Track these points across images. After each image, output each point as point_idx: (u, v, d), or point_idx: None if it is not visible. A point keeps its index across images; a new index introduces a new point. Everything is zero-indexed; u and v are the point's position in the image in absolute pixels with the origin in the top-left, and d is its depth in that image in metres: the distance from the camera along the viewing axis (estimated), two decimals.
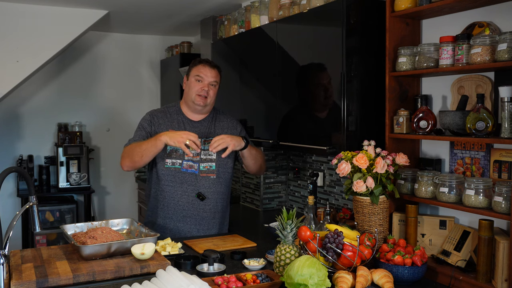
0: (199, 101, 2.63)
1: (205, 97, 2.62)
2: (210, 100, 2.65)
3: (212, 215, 2.68)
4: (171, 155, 2.63)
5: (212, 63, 2.69)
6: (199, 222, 2.66)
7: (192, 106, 2.67)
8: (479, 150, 2.18)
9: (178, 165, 2.62)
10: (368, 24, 2.53)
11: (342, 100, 2.50)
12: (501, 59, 1.85)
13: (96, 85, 5.56)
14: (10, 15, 4.16)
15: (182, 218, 2.65)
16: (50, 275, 1.91)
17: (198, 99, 2.62)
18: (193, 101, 2.64)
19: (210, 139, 2.63)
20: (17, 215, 1.91)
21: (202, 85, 2.62)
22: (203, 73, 2.63)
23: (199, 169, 2.63)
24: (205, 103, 2.64)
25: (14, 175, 5.14)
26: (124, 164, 2.61)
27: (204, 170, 2.63)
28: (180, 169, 2.62)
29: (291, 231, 2.00)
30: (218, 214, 2.71)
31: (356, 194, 2.21)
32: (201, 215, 2.65)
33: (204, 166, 2.63)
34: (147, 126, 2.68)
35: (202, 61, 2.67)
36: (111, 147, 5.59)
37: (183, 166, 2.62)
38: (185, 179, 2.62)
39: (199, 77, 2.63)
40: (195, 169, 2.63)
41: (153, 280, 1.81)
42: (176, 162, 2.62)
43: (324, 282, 1.77)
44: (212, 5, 4.20)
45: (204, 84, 2.62)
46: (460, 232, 2.14)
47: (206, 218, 2.67)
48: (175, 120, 2.70)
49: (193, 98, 2.64)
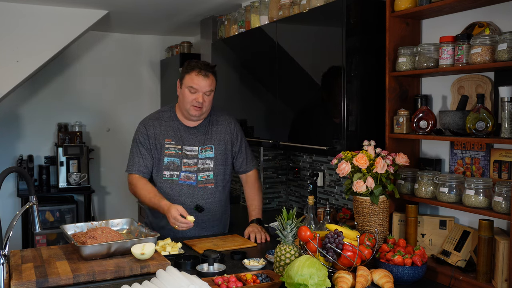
0: (194, 112, 2.57)
1: (200, 107, 2.55)
2: (206, 108, 2.59)
3: (211, 223, 2.69)
4: (169, 167, 2.60)
5: (205, 69, 2.55)
6: (198, 225, 2.64)
7: (187, 116, 2.61)
8: (479, 150, 2.18)
9: (176, 177, 2.60)
10: (368, 24, 2.53)
11: (342, 100, 2.50)
12: (501, 59, 1.85)
13: (96, 85, 5.56)
14: (10, 15, 4.16)
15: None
16: (50, 275, 1.91)
17: (193, 110, 2.56)
18: (188, 111, 2.58)
19: (206, 147, 2.63)
20: (17, 215, 1.91)
21: (196, 97, 2.53)
22: (197, 84, 2.52)
23: (197, 180, 2.60)
24: (200, 113, 2.58)
25: (14, 175, 5.14)
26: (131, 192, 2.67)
27: (202, 181, 2.61)
28: (177, 181, 2.59)
29: (291, 231, 2.00)
30: (216, 221, 2.72)
31: (356, 194, 2.21)
32: (200, 225, 2.64)
33: (202, 176, 2.61)
34: (145, 141, 2.61)
35: (195, 68, 2.54)
36: (111, 147, 5.59)
37: (180, 178, 2.60)
38: (182, 191, 2.59)
39: (193, 88, 2.53)
40: (193, 180, 2.60)
41: (153, 280, 1.80)
42: (173, 174, 2.60)
43: (324, 282, 1.77)
44: (212, 5, 4.20)
45: (199, 95, 2.53)
46: (460, 232, 2.14)
47: (205, 227, 2.67)
48: (170, 128, 2.64)
49: (187, 109, 2.57)
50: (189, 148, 2.61)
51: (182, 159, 2.60)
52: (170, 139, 2.61)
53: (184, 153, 2.60)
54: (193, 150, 2.62)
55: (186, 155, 2.60)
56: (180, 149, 2.61)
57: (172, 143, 2.61)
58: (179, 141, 2.61)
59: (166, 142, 2.61)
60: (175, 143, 2.61)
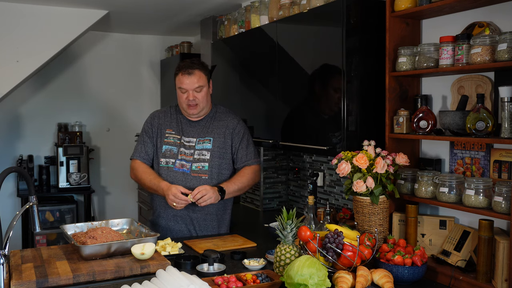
0: (191, 111, 2.64)
1: (195, 104, 2.62)
2: (202, 104, 2.64)
3: (203, 216, 2.66)
4: (166, 155, 2.67)
5: (190, 68, 2.61)
6: (189, 223, 2.66)
7: (186, 115, 2.70)
8: (479, 150, 2.18)
9: (171, 164, 2.65)
10: (368, 24, 2.53)
11: (342, 100, 2.50)
12: (501, 59, 1.85)
13: (96, 85, 5.56)
14: (10, 15, 4.16)
15: (172, 217, 2.67)
16: (50, 275, 1.91)
17: (189, 109, 2.64)
18: (186, 111, 2.67)
19: (205, 139, 2.65)
20: (17, 215, 1.91)
21: (187, 95, 2.61)
22: (184, 83, 2.61)
23: (191, 169, 2.63)
24: (197, 110, 2.64)
25: (14, 175, 5.14)
26: (132, 178, 2.79)
27: (196, 170, 2.63)
28: (173, 168, 2.64)
29: (291, 231, 2.00)
30: (210, 216, 2.68)
31: (356, 194, 2.21)
32: (190, 216, 2.64)
33: (197, 166, 2.63)
34: (149, 130, 2.73)
35: (181, 69, 2.63)
36: (111, 147, 5.58)
37: (175, 165, 2.64)
38: (176, 178, 2.62)
39: (182, 88, 2.62)
40: (187, 169, 2.63)
41: (153, 280, 1.81)
42: (169, 161, 2.65)
43: (324, 282, 1.77)
44: (212, 5, 4.20)
45: (189, 93, 2.60)
46: (460, 232, 2.14)
47: (196, 219, 2.66)
48: (174, 120, 2.73)
49: (184, 108, 2.66)
50: (187, 139, 2.68)
51: (180, 148, 2.66)
52: (171, 129, 2.72)
53: (182, 142, 2.67)
54: (191, 141, 2.67)
55: (183, 145, 2.67)
56: (179, 139, 2.68)
57: (172, 132, 2.71)
58: (179, 132, 2.70)
59: (167, 132, 2.71)
60: (175, 133, 2.71)
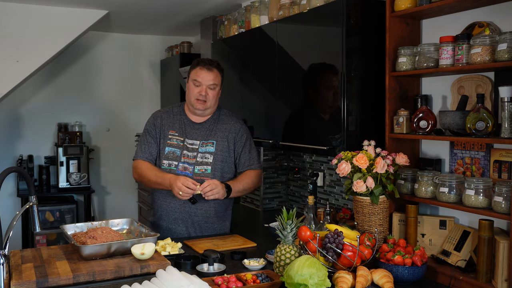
0: (198, 106, 2.62)
1: (204, 101, 2.61)
2: (210, 103, 2.63)
3: (204, 219, 2.66)
4: (169, 157, 2.64)
5: (210, 64, 2.63)
6: (190, 225, 2.65)
7: (192, 110, 2.67)
8: (479, 150, 2.18)
9: (174, 166, 2.62)
10: (368, 24, 2.53)
11: (342, 100, 2.50)
12: (501, 59, 1.85)
13: (96, 85, 5.56)
14: (10, 15, 4.16)
15: (173, 220, 2.65)
16: (50, 275, 1.91)
17: (196, 103, 2.62)
18: (193, 105, 2.63)
19: (208, 142, 2.64)
20: (17, 215, 1.91)
21: (200, 90, 2.60)
22: (200, 76, 2.60)
23: (193, 172, 2.61)
24: (204, 107, 2.62)
25: (14, 175, 5.14)
26: (135, 178, 2.78)
27: (198, 173, 2.61)
28: (175, 171, 2.61)
29: (291, 231, 2.00)
30: (211, 219, 2.67)
31: (356, 194, 2.21)
32: (192, 219, 2.64)
33: (199, 169, 2.61)
34: (152, 130, 2.70)
35: (200, 63, 2.63)
36: (111, 147, 5.58)
37: (178, 168, 2.62)
38: None
39: (196, 81, 2.60)
40: (190, 172, 2.61)
41: (153, 280, 1.81)
42: (172, 163, 2.63)
43: (324, 282, 1.77)
44: (212, 5, 4.20)
45: (202, 88, 2.60)
46: (460, 232, 2.14)
47: (198, 222, 2.65)
48: (177, 121, 2.70)
49: (192, 102, 2.63)
50: (190, 142, 2.66)
51: (183, 150, 2.64)
52: (175, 130, 2.69)
53: (185, 145, 2.65)
54: (195, 144, 2.65)
55: (187, 147, 2.64)
56: (182, 141, 2.66)
57: (176, 134, 2.68)
58: (182, 134, 2.67)
59: (170, 133, 2.68)
60: (178, 135, 2.68)
